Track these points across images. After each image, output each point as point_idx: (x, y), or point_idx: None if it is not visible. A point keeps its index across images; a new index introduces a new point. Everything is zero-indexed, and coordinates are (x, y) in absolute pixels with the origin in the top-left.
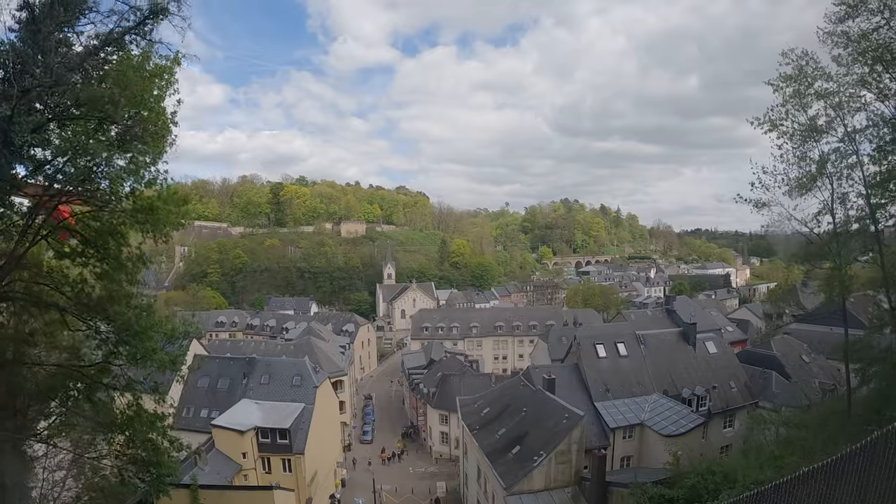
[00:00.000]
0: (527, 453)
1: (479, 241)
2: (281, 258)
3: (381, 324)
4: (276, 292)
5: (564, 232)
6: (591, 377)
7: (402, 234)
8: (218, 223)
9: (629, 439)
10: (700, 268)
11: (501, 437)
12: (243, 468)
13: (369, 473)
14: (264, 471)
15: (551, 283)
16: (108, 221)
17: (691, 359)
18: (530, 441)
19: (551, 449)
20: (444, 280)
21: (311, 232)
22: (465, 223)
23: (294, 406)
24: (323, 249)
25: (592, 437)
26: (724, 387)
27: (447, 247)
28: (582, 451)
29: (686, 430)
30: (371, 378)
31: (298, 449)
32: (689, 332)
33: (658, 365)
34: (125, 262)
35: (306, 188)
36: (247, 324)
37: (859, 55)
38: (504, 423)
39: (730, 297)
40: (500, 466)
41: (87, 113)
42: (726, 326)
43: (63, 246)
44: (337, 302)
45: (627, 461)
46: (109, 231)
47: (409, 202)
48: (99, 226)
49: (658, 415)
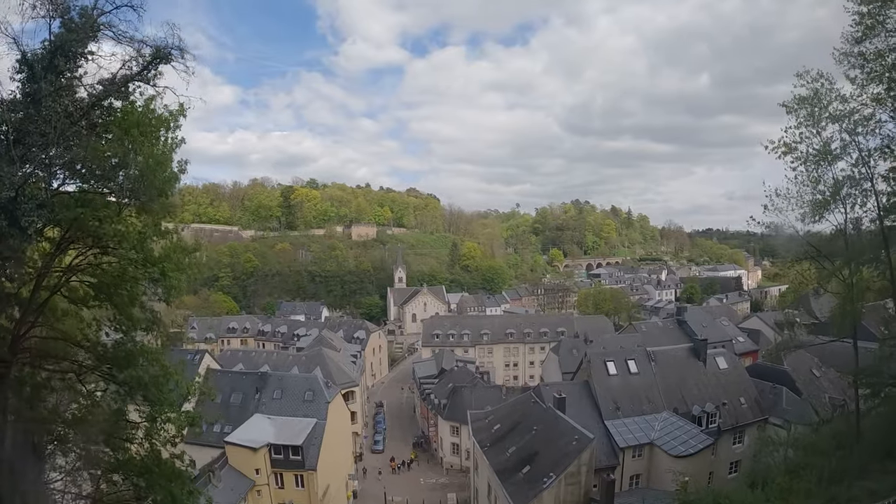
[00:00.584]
0: (537, 474)
1: (490, 244)
2: (292, 262)
3: (391, 328)
4: (288, 296)
5: (575, 233)
6: (601, 395)
7: (413, 237)
8: (229, 227)
9: (638, 458)
10: (711, 270)
11: (512, 455)
12: (256, 484)
13: (380, 484)
14: (277, 486)
15: (562, 287)
16: (117, 267)
17: (701, 375)
18: (540, 461)
19: (561, 471)
20: (455, 283)
21: (322, 235)
22: (475, 225)
23: (306, 421)
24: (334, 253)
25: (602, 456)
26: (734, 403)
27: (458, 250)
28: (591, 473)
29: (695, 451)
30: (382, 384)
31: (311, 465)
32: (699, 348)
33: (668, 381)
34: (137, 318)
35: (317, 191)
36: (258, 330)
37: (876, 74)
38: (514, 442)
39: (741, 301)
40: (510, 486)
41: (92, 177)
42: (737, 337)
43: (77, 291)
44: (348, 306)
45: (636, 480)
46: (120, 277)
47: (420, 204)
48: (110, 270)
49: (667, 434)
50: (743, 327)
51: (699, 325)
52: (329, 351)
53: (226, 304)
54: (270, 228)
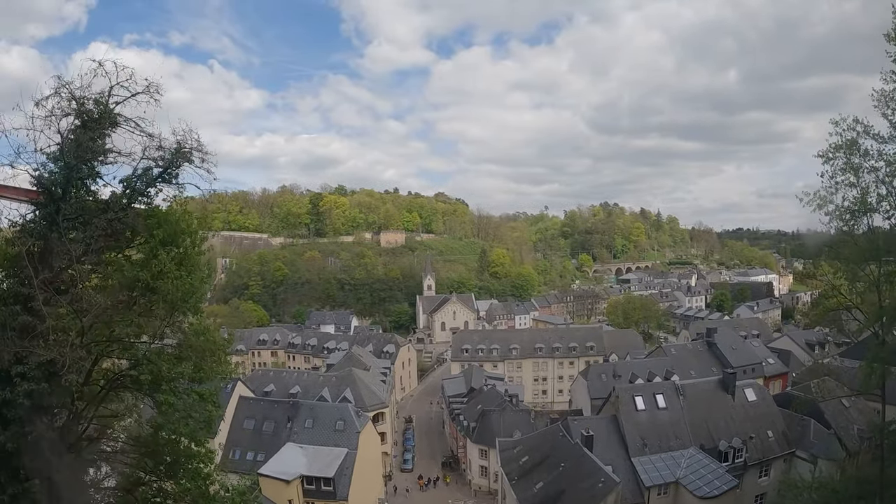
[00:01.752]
0: None
1: (519, 250)
2: (321, 270)
3: (420, 336)
4: (317, 304)
5: (604, 237)
6: (628, 431)
7: (442, 243)
8: (258, 234)
9: (664, 496)
10: (742, 274)
11: (539, 491)
12: None
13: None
14: None
15: (592, 293)
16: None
17: (729, 408)
18: (566, 501)
19: None
20: (484, 290)
21: (351, 242)
22: (504, 229)
23: (337, 451)
24: (363, 261)
25: (628, 494)
26: (762, 436)
27: (487, 256)
28: None
29: (720, 493)
30: (411, 397)
31: (342, 495)
32: (728, 381)
33: (696, 416)
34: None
35: (345, 198)
36: (288, 342)
37: None
38: (542, 477)
39: (772, 308)
40: None
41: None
42: (767, 359)
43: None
44: (377, 314)
45: None
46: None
47: (449, 210)
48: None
49: (693, 472)
50: (773, 347)
51: (729, 347)
52: (359, 371)
53: (255, 312)
54: (299, 235)
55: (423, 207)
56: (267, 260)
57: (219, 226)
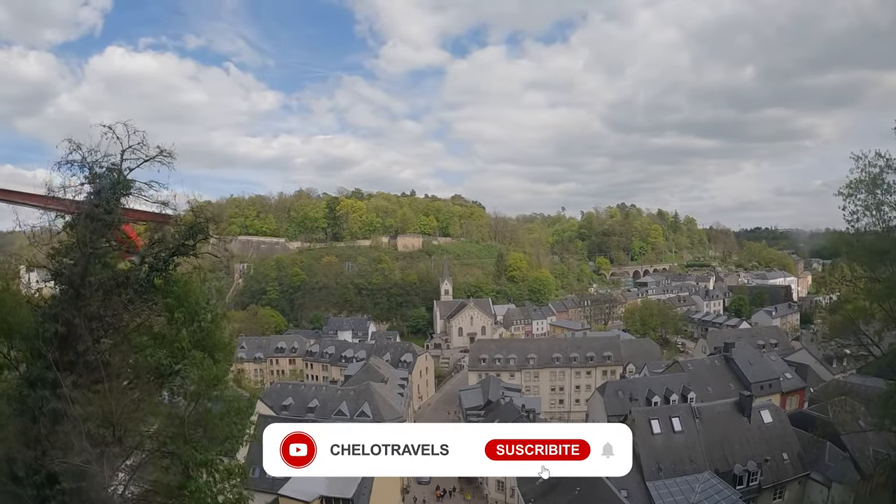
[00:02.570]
0: None
1: (536, 253)
2: (338, 275)
3: (438, 341)
4: (334, 309)
5: (622, 239)
6: (644, 454)
7: (459, 247)
8: (276, 238)
9: None
10: (760, 277)
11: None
12: None
13: None
14: None
15: (609, 298)
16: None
17: (745, 430)
18: None
19: None
20: (501, 295)
21: (368, 246)
22: (520, 231)
23: None
24: (380, 266)
25: None
26: (777, 458)
27: (504, 260)
28: None
29: None
30: (429, 406)
31: None
32: (744, 404)
33: (712, 439)
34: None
35: (362, 202)
36: (306, 350)
37: None
38: (557, 500)
39: (791, 313)
40: None
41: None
42: (785, 374)
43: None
44: (394, 318)
45: None
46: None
47: (465, 213)
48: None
49: (707, 498)
50: (791, 361)
51: (746, 362)
52: (376, 385)
53: (273, 318)
54: (316, 240)
55: (439, 211)
56: (284, 265)
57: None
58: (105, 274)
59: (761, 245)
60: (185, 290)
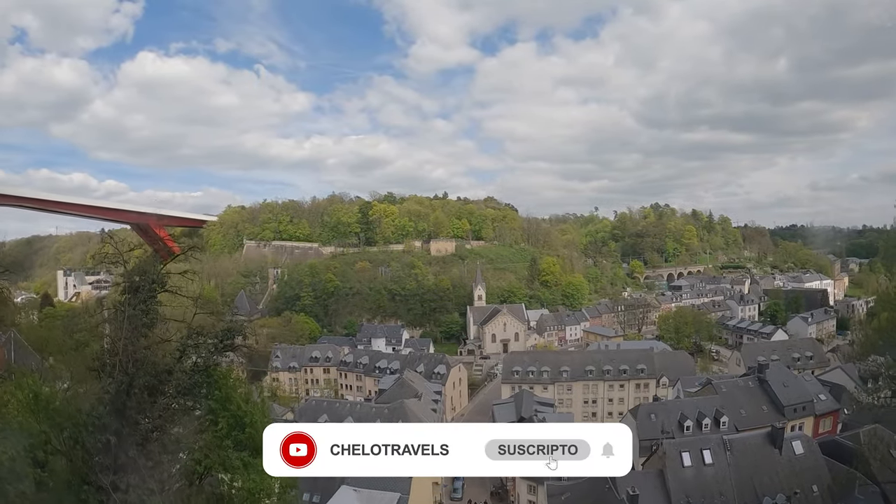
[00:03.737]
0: None
1: (570, 256)
2: (372, 280)
3: (471, 347)
4: (368, 314)
5: (655, 240)
6: (674, 488)
7: (492, 251)
8: (309, 243)
9: None
10: (796, 280)
11: None
12: None
13: None
14: None
15: (643, 303)
16: None
17: (776, 462)
18: None
19: None
20: (535, 300)
21: (401, 251)
22: (553, 234)
23: (390, 496)
24: (413, 272)
25: None
26: (806, 491)
27: (537, 265)
28: None
29: None
30: (462, 417)
31: None
32: (776, 435)
33: (742, 472)
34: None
35: (394, 206)
36: (340, 360)
37: None
38: None
39: (827, 318)
40: None
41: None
42: (819, 395)
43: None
44: (428, 324)
45: None
46: None
47: (498, 216)
48: None
49: None
50: (825, 380)
51: (780, 384)
52: (410, 403)
53: (307, 325)
54: (349, 245)
55: (472, 214)
56: (318, 270)
57: (270, 236)
58: (146, 379)
59: (797, 245)
60: (227, 395)
